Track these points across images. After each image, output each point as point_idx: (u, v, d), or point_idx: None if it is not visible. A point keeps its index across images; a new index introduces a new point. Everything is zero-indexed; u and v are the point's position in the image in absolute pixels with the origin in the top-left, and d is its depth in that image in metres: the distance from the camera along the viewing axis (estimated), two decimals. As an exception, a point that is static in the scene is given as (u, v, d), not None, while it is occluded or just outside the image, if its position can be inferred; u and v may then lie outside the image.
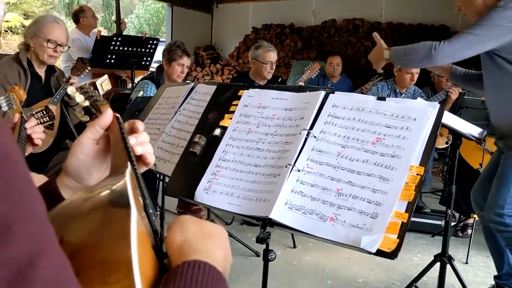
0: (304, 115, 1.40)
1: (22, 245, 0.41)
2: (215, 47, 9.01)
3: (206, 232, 0.68)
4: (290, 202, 1.25)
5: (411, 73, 4.21)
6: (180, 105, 1.94)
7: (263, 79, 4.18)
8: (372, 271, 3.35)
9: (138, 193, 0.77)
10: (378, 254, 1.12)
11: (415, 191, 1.15)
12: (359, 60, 7.82)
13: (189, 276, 0.57)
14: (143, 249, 0.58)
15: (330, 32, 8.11)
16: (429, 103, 1.28)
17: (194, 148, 1.51)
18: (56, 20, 3.05)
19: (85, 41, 4.93)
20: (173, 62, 3.59)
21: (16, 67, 2.88)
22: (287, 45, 8.14)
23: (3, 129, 0.48)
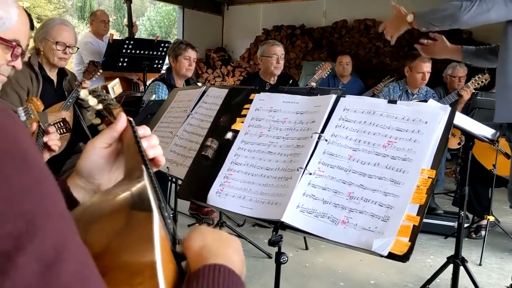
0: (316, 118, 1.41)
1: (48, 240, 0.43)
2: (226, 49, 9.04)
3: (224, 238, 0.71)
4: (302, 205, 1.26)
5: (423, 72, 4.18)
6: (192, 108, 1.96)
7: (272, 76, 4.21)
8: (385, 273, 3.34)
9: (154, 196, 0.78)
10: (390, 257, 1.12)
11: (427, 194, 1.16)
12: (371, 61, 7.80)
13: (210, 278, 0.59)
14: (164, 252, 0.60)
15: (341, 33, 8.10)
16: (441, 106, 1.28)
17: (206, 151, 1.53)
18: (64, 22, 3.09)
19: (97, 44, 4.99)
20: (179, 57, 3.64)
21: (27, 71, 2.91)
22: (298, 46, 8.14)
23: (27, 134, 0.51)
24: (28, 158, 0.47)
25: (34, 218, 0.44)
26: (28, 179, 0.45)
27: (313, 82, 4.41)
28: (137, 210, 0.62)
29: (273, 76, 4.24)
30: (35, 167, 0.47)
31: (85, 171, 0.94)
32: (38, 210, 0.44)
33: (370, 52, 7.82)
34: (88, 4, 15.67)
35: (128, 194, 0.68)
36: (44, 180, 0.48)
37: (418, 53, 4.43)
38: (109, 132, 0.94)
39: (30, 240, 0.42)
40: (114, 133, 0.94)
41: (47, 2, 14.29)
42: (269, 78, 4.25)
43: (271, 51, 4.13)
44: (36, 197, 0.45)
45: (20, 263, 0.41)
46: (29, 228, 0.43)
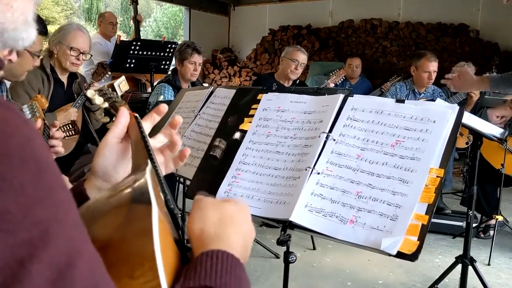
0: (323, 118, 1.41)
1: (61, 247, 0.44)
2: (232, 50, 9.05)
3: (225, 216, 0.70)
4: (310, 204, 1.26)
5: (429, 71, 4.17)
6: (200, 109, 1.97)
7: (287, 79, 4.25)
8: (393, 272, 3.33)
9: (159, 190, 0.79)
10: (399, 256, 1.13)
11: (435, 193, 1.16)
12: (377, 61, 7.78)
13: (208, 265, 0.59)
14: (165, 243, 0.61)
15: (348, 33, 8.08)
16: (449, 105, 1.28)
17: (214, 151, 1.53)
18: (80, 28, 3.11)
19: (105, 45, 5.01)
20: (185, 61, 3.66)
21: (39, 73, 2.94)
22: (305, 46, 8.11)
23: (41, 140, 0.51)
24: (42, 165, 0.48)
25: (48, 226, 0.44)
26: (42, 187, 0.46)
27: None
28: (137, 203, 0.63)
29: (288, 79, 4.27)
30: (49, 174, 0.48)
31: (100, 169, 0.95)
32: (52, 218, 0.45)
33: (377, 51, 7.81)
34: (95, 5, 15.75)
35: (130, 189, 0.69)
36: (57, 187, 0.48)
37: (424, 52, 4.43)
38: (114, 127, 0.95)
39: (44, 248, 0.43)
40: (118, 127, 0.95)
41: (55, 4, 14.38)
42: (284, 81, 4.29)
43: (294, 56, 4.21)
44: (50, 205, 0.46)
45: (34, 271, 0.41)
46: (43, 236, 0.43)
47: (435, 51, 6.62)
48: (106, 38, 5.10)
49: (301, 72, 4.12)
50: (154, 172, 0.85)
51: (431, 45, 7.24)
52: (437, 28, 7.36)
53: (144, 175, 0.70)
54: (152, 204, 0.61)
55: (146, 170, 0.72)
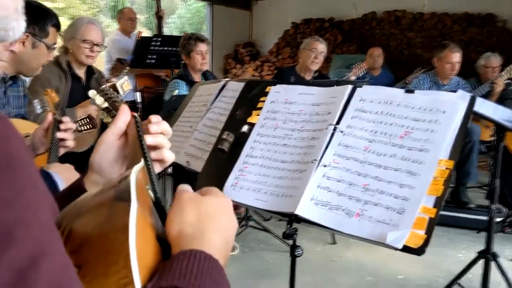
0: (331, 110, 1.38)
1: (23, 250, 0.43)
2: (254, 44, 9.03)
3: (203, 213, 0.68)
4: (316, 197, 1.24)
5: (452, 63, 4.07)
6: (212, 102, 1.96)
7: (309, 71, 4.24)
8: (414, 267, 3.28)
9: (148, 188, 0.79)
10: (405, 250, 1.10)
11: (444, 186, 1.12)
12: (402, 52, 7.65)
13: (184, 265, 0.57)
14: (144, 241, 0.60)
15: (372, 25, 7.96)
16: (459, 95, 1.23)
17: (222, 145, 1.52)
18: (91, 21, 3.15)
19: (125, 41, 5.06)
20: (191, 53, 3.67)
21: (56, 70, 2.98)
22: (327, 39, 8.03)
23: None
24: (13, 165, 0.47)
25: (11, 228, 0.43)
26: (11, 187, 0.45)
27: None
28: (118, 201, 0.62)
29: (309, 71, 4.27)
30: (20, 174, 0.47)
31: (96, 165, 0.97)
32: (17, 219, 0.44)
33: (401, 43, 7.67)
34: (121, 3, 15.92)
35: (114, 187, 0.69)
36: (27, 188, 0.47)
37: (447, 43, 4.33)
38: (113, 126, 0.97)
39: (5, 250, 0.42)
40: (117, 125, 0.97)
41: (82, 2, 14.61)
42: (305, 73, 4.28)
43: (312, 46, 4.23)
44: (16, 207, 0.45)
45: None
46: (5, 238, 0.42)
47: (462, 42, 6.47)
48: (126, 34, 5.14)
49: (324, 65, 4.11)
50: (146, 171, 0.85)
51: (457, 36, 7.06)
52: (463, 18, 7.17)
53: (129, 174, 0.70)
54: (131, 202, 0.61)
55: (133, 168, 0.72)
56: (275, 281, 3.01)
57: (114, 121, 0.99)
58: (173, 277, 0.55)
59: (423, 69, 5.36)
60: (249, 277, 3.00)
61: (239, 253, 2.63)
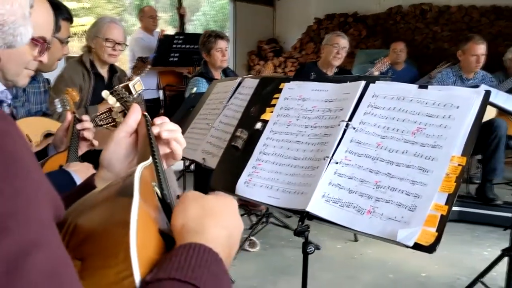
0: (344, 106, 1.37)
1: (16, 240, 0.45)
2: (277, 40, 9.00)
3: (207, 210, 0.70)
4: (328, 195, 1.23)
5: (476, 55, 3.98)
6: (228, 100, 1.97)
7: (331, 66, 4.22)
8: (437, 265, 3.23)
9: (155, 185, 0.80)
10: (416, 248, 1.08)
11: (456, 183, 1.10)
12: (427, 46, 7.52)
13: (183, 258, 0.58)
14: (145, 235, 0.61)
15: (396, 19, 7.84)
16: (474, 90, 1.21)
17: (236, 142, 1.53)
18: (113, 20, 3.20)
19: (148, 40, 5.11)
20: (211, 51, 3.68)
21: (80, 69, 3.04)
22: (351, 34, 7.96)
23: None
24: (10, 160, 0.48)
25: (4, 219, 0.45)
26: (6, 181, 0.47)
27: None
28: (121, 196, 0.64)
29: (331, 66, 4.24)
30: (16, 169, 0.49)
31: (106, 162, 0.99)
32: (11, 212, 0.46)
33: (427, 37, 7.53)
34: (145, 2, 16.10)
35: (119, 183, 0.70)
36: (23, 185, 0.49)
37: (471, 36, 4.23)
38: (123, 124, 0.99)
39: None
40: (127, 123, 0.99)
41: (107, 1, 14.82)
42: (327, 68, 4.26)
43: (334, 41, 4.21)
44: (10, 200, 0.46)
45: None
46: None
47: (489, 35, 6.32)
48: (148, 32, 5.20)
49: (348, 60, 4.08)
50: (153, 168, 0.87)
51: (485, 29, 6.90)
52: (491, 11, 7.00)
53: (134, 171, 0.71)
54: (134, 197, 0.62)
55: (138, 166, 0.74)
56: (295, 278, 3.00)
57: (125, 119, 1.01)
58: (171, 269, 0.56)
59: (447, 63, 5.26)
60: (269, 274, 3.00)
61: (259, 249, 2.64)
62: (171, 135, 0.99)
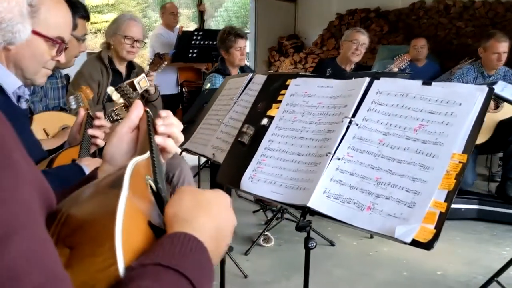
0: (348, 102, 1.37)
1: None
2: (298, 36, 8.97)
3: (199, 202, 0.72)
4: (329, 190, 1.24)
5: (498, 53, 3.90)
6: (239, 96, 1.99)
7: (349, 63, 4.20)
8: (454, 264, 3.20)
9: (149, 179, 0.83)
10: (413, 245, 1.09)
11: (456, 180, 1.10)
12: (451, 42, 7.38)
13: (167, 246, 0.60)
14: (133, 226, 0.63)
15: (419, 14, 7.73)
16: (478, 87, 1.20)
17: (242, 137, 1.55)
18: (133, 18, 3.25)
19: (168, 36, 5.16)
20: (230, 49, 3.69)
21: (98, 65, 3.10)
22: (373, 30, 7.88)
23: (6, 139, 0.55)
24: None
25: None
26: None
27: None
28: (112, 189, 0.66)
29: (350, 63, 4.22)
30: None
31: (108, 156, 1.02)
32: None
33: (450, 33, 7.40)
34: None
35: (112, 176, 0.73)
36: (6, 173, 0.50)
37: (493, 32, 4.15)
38: (126, 119, 1.02)
39: None
40: (130, 118, 1.01)
41: (131, -2, 15.02)
42: (346, 64, 4.24)
43: (353, 37, 4.19)
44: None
45: None
46: None
47: (515, 31, 6.18)
48: (169, 29, 5.24)
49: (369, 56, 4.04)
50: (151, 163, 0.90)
51: (510, 25, 6.75)
52: (517, 6, 6.84)
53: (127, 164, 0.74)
54: (122, 189, 0.65)
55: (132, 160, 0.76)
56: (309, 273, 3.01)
57: (127, 115, 1.04)
58: (156, 256, 0.58)
59: (470, 59, 5.17)
60: (283, 269, 3.02)
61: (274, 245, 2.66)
62: (167, 130, 1.00)
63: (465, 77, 4.09)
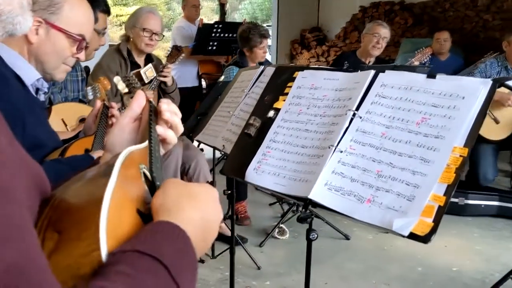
0: (352, 95, 1.37)
1: None
2: (321, 29, 8.91)
3: (186, 193, 0.72)
4: (330, 183, 1.25)
5: (523, 46, 3.81)
6: (250, 88, 2.00)
7: (370, 56, 4.17)
8: (470, 260, 3.16)
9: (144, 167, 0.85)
10: (411, 238, 1.09)
11: (456, 174, 1.09)
12: (477, 35, 7.23)
13: (149, 233, 0.62)
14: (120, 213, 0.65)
15: (445, 7, 7.58)
16: (482, 80, 1.18)
17: (248, 129, 1.56)
18: (152, 11, 3.28)
19: (189, 29, 5.19)
20: (254, 49, 3.70)
21: (117, 57, 3.15)
22: (397, 22, 7.78)
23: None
24: None
25: None
26: None
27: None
28: (103, 176, 0.68)
29: (370, 56, 4.19)
30: None
31: (109, 145, 1.04)
32: None
33: (477, 26, 7.24)
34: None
35: (106, 164, 0.75)
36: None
37: (517, 25, 4.04)
38: (128, 109, 1.03)
39: None
40: (132, 109, 1.03)
41: (156, -9, 15.14)
42: (366, 58, 4.21)
43: (374, 30, 4.16)
44: None
45: None
46: None
47: (544, 24, 6.01)
48: (190, 21, 5.27)
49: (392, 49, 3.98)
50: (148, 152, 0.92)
51: (539, 17, 6.57)
52: (550, -3, 6.65)
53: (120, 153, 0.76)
54: (111, 177, 0.67)
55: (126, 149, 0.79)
56: (322, 266, 3.02)
57: (129, 105, 1.06)
58: (136, 243, 0.60)
59: (495, 53, 5.06)
60: (297, 261, 3.03)
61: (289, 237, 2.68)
62: (171, 117, 1.01)
63: (488, 71, 4.01)
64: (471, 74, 4.18)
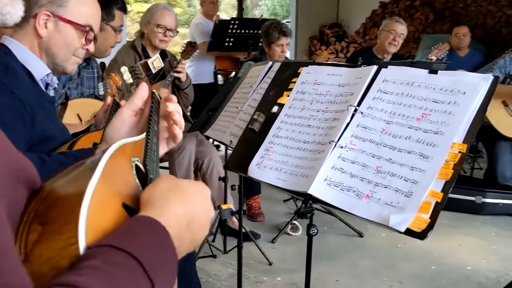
0: (354, 90, 1.37)
1: None
2: (341, 25, 8.85)
3: (173, 189, 0.72)
4: (330, 178, 1.24)
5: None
6: (258, 84, 2.01)
7: (386, 53, 4.14)
8: (485, 259, 3.11)
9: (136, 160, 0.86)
10: (408, 234, 1.08)
11: (454, 170, 1.08)
12: (500, 31, 7.09)
13: (126, 228, 0.62)
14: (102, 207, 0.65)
15: (467, 2, 7.45)
16: (483, 76, 1.16)
17: (253, 125, 1.57)
18: (166, 7, 3.31)
19: (207, 25, 5.21)
20: (272, 45, 3.70)
21: (132, 53, 3.19)
22: (418, 18, 7.69)
23: None
24: None
25: None
26: None
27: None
28: (89, 170, 0.69)
29: (386, 53, 4.16)
30: None
31: (108, 137, 1.04)
32: None
33: (500, 21, 7.10)
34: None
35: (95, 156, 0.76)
36: None
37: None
38: (129, 101, 1.04)
39: None
40: (134, 101, 1.03)
41: (177, -12, 15.22)
42: (382, 54, 4.18)
43: (391, 27, 4.13)
44: None
45: None
46: None
47: None
48: (208, 18, 5.30)
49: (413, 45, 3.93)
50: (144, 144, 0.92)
51: None
52: None
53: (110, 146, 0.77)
54: (96, 170, 0.67)
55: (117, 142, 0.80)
56: (334, 263, 3.02)
57: (130, 98, 1.06)
58: (113, 238, 0.60)
59: (516, 49, 4.95)
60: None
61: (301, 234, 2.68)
62: (175, 108, 1.01)
63: (508, 67, 3.94)
64: (490, 70, 4.10)
